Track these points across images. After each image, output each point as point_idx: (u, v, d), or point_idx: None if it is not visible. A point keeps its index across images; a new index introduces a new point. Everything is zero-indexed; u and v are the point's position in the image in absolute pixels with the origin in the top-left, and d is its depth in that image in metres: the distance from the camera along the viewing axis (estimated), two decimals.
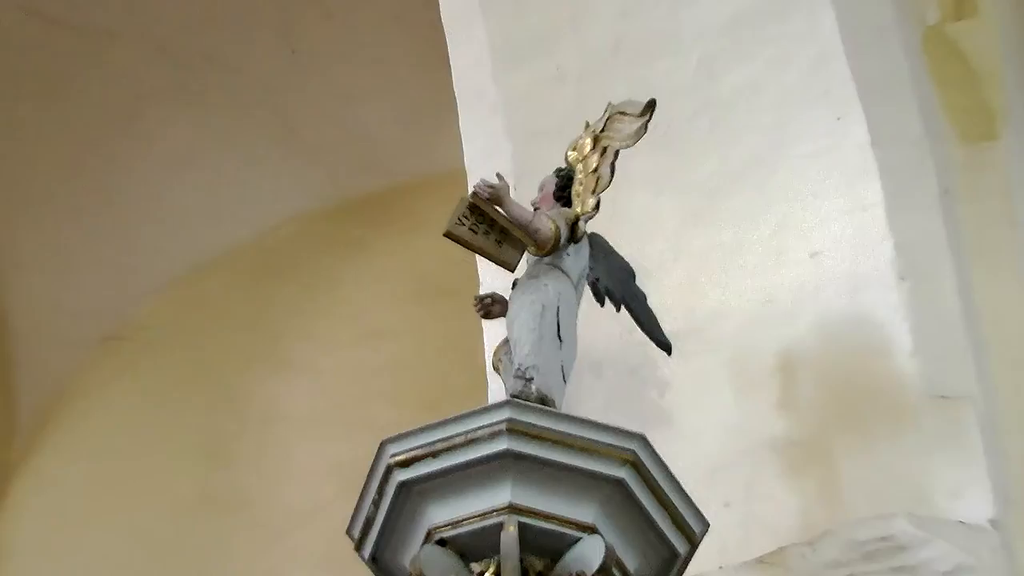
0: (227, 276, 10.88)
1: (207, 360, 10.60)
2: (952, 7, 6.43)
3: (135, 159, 10.58)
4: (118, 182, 10.65)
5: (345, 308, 10.44)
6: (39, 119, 10.32)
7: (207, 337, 10.66)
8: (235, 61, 10.36)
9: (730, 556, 4.91)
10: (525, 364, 4.54)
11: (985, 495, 5.12)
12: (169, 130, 10.54)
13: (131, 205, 10.69)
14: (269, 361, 10.47)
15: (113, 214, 10.70)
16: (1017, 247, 5.97)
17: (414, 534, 4.33)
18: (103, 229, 10.73)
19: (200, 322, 10.75)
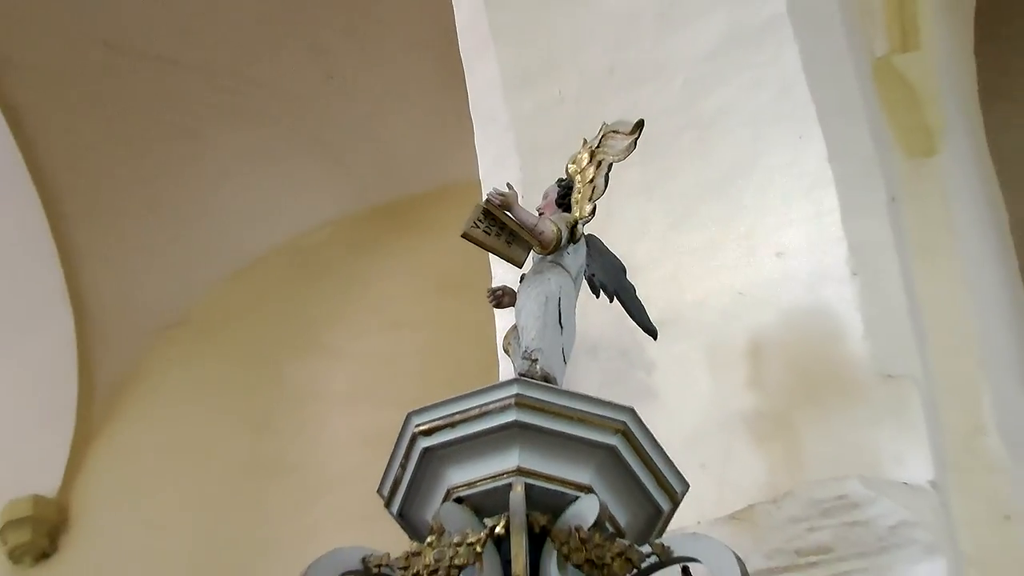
0: (272, 272, 10.89)
1: (255, 345, 10.61)
2: (898, 41, 6.44)
3: (192, 171, 10.59)
4: (178, 191, 10.65)
5: (374, 300, 10.44)
6: (112, 136, 10.34)
7: (255, 325, 10.68)
8: (277, 85, 10.36)
9: (706, 513, 4.93)
10: (531, 347, 4.56)
11: (925, 460, 5.13)
12: (220, 146, 10.55)
13: (189, 211, 10.70)
14: (308, 346, 10.48)
15: (174, 219, 10.70)
16: (954, 248, 6.01)
17: (435, 493, 4.35)
18: (166, 232, 10.74)
19: (249, 312, 10.76)
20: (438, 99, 8.55)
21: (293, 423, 10.23)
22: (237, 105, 10.45)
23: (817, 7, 6.06)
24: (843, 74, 6.00)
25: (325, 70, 10.30)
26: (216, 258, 10.89)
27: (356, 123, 10.51)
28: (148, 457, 10.40)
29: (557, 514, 4.26)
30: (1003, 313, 6.45)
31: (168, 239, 10.79)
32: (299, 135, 10.59)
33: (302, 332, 10.55)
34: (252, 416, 10.34)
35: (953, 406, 5.53)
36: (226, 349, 10.70)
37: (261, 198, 10.79)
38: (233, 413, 10.40)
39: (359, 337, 10.35)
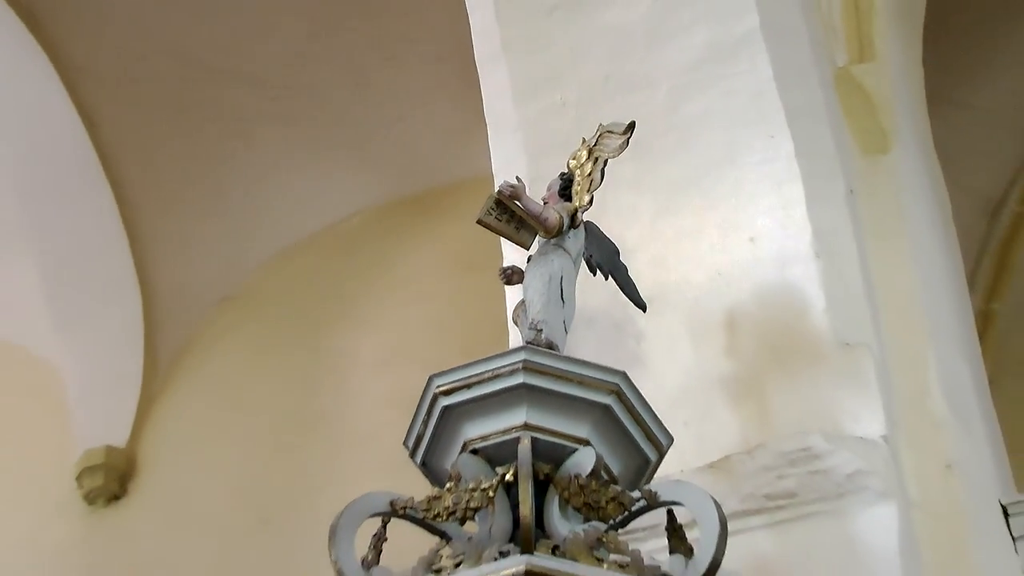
0: (312, 253, 10.90)
1: (297, 316, 10.63)
2: (856, 53, 6.45)
3: (244, 166, 10.59)
4: (231, 183, 10.66)
5: (400, 278, 10.45)
6: (175, 135, 10.36)
7: (297, 298, 10.70)
8: (315, 93, 10.37)
9: (688, 463, 4.93)
10: (536, 319, 4.57)
11: (877, 418, 5.13)
12: (268, 144, 10.55)
13: (241, 200, 10.71)
14: (343, 317, 10.49)
15: (228, 207, 10.71)
16: (904, 234, 6.01)
17: (453, 445, 4.35)
18: (220, 218, 10.75)
19: (292, 287, 10.78)
20: (456, 104, 8.56)
21: (330, 384, 10.24)
22: (281, 110, 10.46)
23: (785, 24, 6.06)
24: (808, 82, 6.00)
25: (357, 80, 10.30)
26: (263, 241, 10.90)
27: (385, 125, 10.52)
28: (205, 413, 10.43)
29: (559, 464, 4.27)
30: (946, 291, 6.46)
31: (222, 224, 10.80)
32: (335, 136, 10.60)
33: (338, 305, 10.56)
34: (295, 377, 10.35)
35: (902, 371, 5.53)
36: (272, 319, 10.71)
37: (303, 189, 10.79)
38: (278, 375, 10.41)
39: (387, 310, 10.36)
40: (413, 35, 9.93)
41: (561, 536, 4.08)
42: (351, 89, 10.36)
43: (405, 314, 10.21)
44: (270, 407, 10.29)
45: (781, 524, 4.99)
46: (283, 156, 10.67)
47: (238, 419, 10.31)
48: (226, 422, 10.35)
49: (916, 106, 7.14)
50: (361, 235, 10.83)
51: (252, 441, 10.16)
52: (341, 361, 10.32)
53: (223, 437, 10.28)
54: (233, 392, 10.48)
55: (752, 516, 4.96)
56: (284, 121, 10.52)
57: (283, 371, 10.43)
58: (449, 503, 4.21)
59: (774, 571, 4.73)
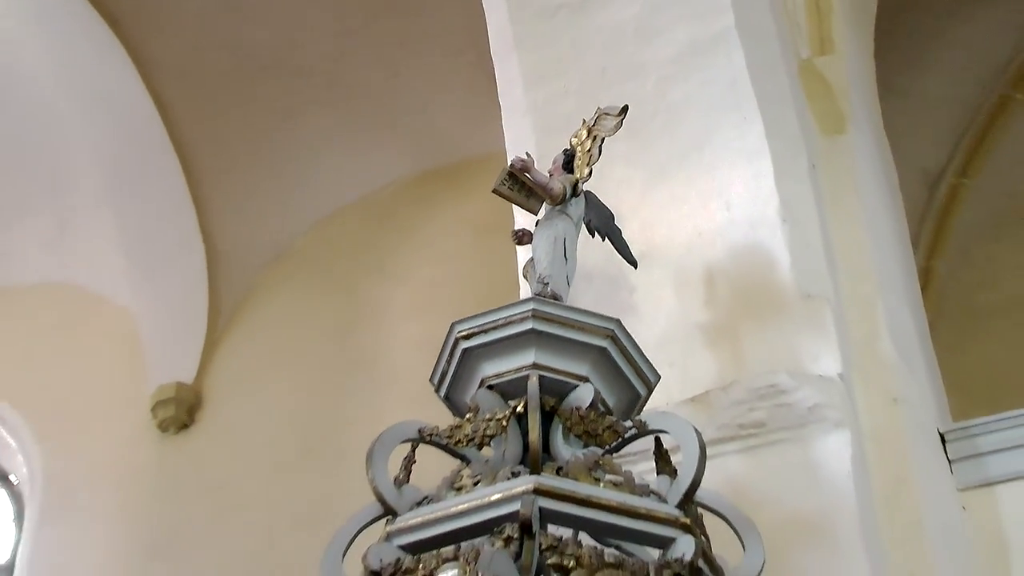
0: (352, 218, 10.89)
1: (339, 272, 10.63)
2: (818, 47, 6.43)
3: (293, 143, 10.58)
4: (282, 157, 10.66)
5: (427, 239, 10.46)
6: (234, 116, 10.38)
7: (340, 257, 10.69)
8: (353, 81, 10.37)
9: (672, 397, 4.93)
10: (543, 274, 4.57)
11: (834, 359, 5.13)
12: (314, 124, 10.55)
13: (290, 172, 10.70)
14: (378, 273, 10.48)
15: (279, 178, 10.70)
16: (857, 202, 6.00)
17: (472, 382, 4.36)
18: (273, 187, 10.75)
19: (335, 247, 10.78)
20: (474, 92, 8.55)
21: (366, 330, 10.25)
22: (324, 96, 10.46)
23: (757, 22, 6.05)
24: (776, 73, 5.99)
25: (389, 71, 10.30)
26: (309, 208, 10.89)
27: (413, 110, 10.51)
28: (260, 354, 10.45)
29: (562, 398, 4.27)
30: (893, 250, 6.45)
31: (274, 193, 10.80)
32: (370, 118, 10.59)
33: (373, 263, 10.56)
34: (336, 324, 10.37)
35: (856, 319, 5.53)
36: (318, 274, 10.72)
37: (343, 164, 10.78)
38: (323, 322, 10.42)
39: (416, 267, 10.36)
40: (437, 33, 9.91)
41: (564, 459, 4.08)
42: (384, 79, 10.35)
43: (431, 270, 10.22)
44: (316, 350, 10.30)
45: (752, 450, 5.00)
46: (326, 136, 10.65)
47: (289, 360, 10.33)
48: (279, 362, 10.37)
49: (869, 93, 7.12)
50: (393, 203, 10.82)
51: (301, 379, 10.18)
52: (376, 311, 10.32)
53: (276, 375, 10.30)
54: (284, 337, 10.50)
55: (727, 443, 4.97)
56: (326, 106, 10.51)
57: (327, 319, 10.44)
58: (469, 431, 4.22)
59: (746, 490, 4.73)
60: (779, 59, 6.07)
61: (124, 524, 9.97)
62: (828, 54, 6.45)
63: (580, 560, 3.71)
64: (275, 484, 9.63)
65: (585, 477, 4.00)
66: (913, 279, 6.91)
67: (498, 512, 3.83)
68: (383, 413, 4.49)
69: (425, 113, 10.52)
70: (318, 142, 10.68)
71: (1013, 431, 5.64)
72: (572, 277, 4.68)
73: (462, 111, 10.12)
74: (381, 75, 10.37)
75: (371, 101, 10.50)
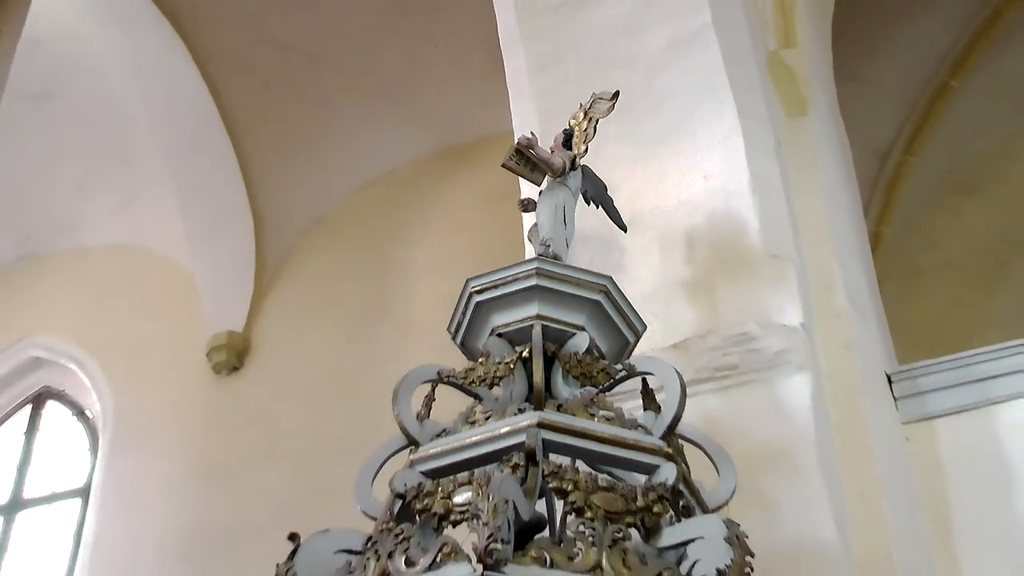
0: (379, 189, 10.87)
1: (368, 236, 10.61)
2: (783, 40, 6.40)
3: (328, 123, 10.58)
4: (319, 136, 10.66)
5: (445, 207, 10.46)
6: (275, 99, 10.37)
7: (370, 222, 10.68)
8: (381, 69, 10.36)
9: (657, 344, 4.93)
10: (546, 237, 4.55)
11: (797, 310, 5.12)
12: (345, 108, 10.54)
13: (326, 149, 10.70)
14: (402, 236, 10.49)
15: (317, 153, 10.70)
16: (817, 175, 6.00)
17: (484, 330, 4.34)
18: (312, 161, 10.75)
19: (367, 213, 10.76)
20: (486, 79, 8.49)
21: (393, 287, 10.24)
22: (356, 83, 10.45)
23: (730, 19, 6.01)
24: (747, 63, 5.96)
25: (412, 61, 10.29)
26: (343, 179, 10.88)
27: (432, 95, 10.48)
28: (302, 307, 10.46)
29: (562, 344, 4.27)
30: (847, 217, 6.44)
31: (312, 167, 10.78)
32: (396, 102, 10.58)
33: (398, 228, 10.55)
34: (367, 282, 10.36)
35: (815, 276, 5.52)
36: (351, 237, 10.70)
37: (371, 142, 10.75)
38: (356, 279, 10.42)
39: (435, 232, 10.35)
40: (453, 28, 9.88)
41: (563, 397, 4.08)
42: (407, 68, 10.32)
43: (448, 234, 10.20)
44: (348, 303, 10.30)
45: (725, 389, 5.00)
46: (356, 118, 10.62)
47: (325, 311, 10.34)
48: (316, 314, 10.37)
49: (827, 81, 7.10)
50: (414, 176, 10.79)
51: (335, 328, 10.19)
52: (400, 269, 10.31)
53: (314, 325, 10.31)
54: (321, 292, 10.49)
55: (704, 383, 4.96)
56: (357, 92, 10.49)
57: (358, 277, 10.43)
58: (481, 373, 4.23)
59: (720, 424, 4.73)
60: (749, 51, 6.04)
61: (182, 453, 10.00)
62: (792, 47, 6.42)
63: (577, 484, 3.71)
64: (313, 418, 9.65)
65: (582, 413, 4.00)
66: (864, 242, 6.91)
67: (506, 443, 3.84)
68: (407, 358, 4.47)
69: (443, 98, 10.48)
70: (350, 123, 10.64)
71: (949, 373, 5.66)
72: (571, 240, 4.67)
73: (475, 96, 10.06)
74: (405, 65, 10.33)
75: (396, 88, 10.46)
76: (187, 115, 10.40)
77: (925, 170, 9.88)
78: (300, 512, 4.58)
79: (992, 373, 5.59)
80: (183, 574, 9.31)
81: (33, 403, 11.04)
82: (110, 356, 10.66)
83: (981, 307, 9.45)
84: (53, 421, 10.95)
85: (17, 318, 11.10)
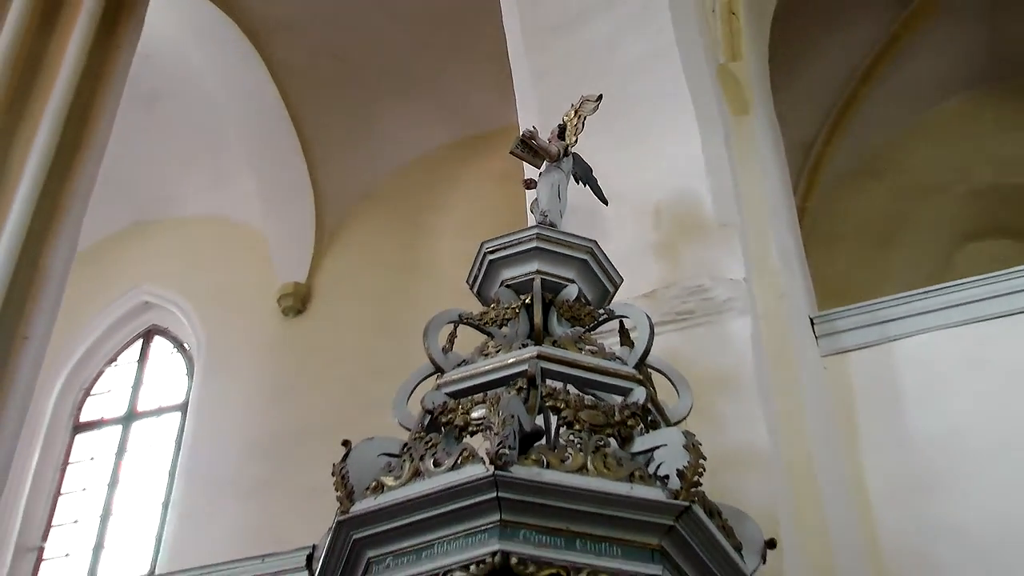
0: (414, 170, 10.80)
1: (406, 208, 10.57)
2: (730, 54, 6.36)
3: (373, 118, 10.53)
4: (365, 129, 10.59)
5: (466, 185, 10.42)
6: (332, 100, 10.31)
7: (406, 197, 10.61)
8: (417, 76, 10.29)
9: (631, 293, 4.88)
10: (544, 209, 4.53)
11: (740, 267, 5.10)
12: (387, 105, 10.47)
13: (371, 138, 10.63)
14: (433, 208, 10.47)
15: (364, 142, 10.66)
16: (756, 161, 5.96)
17: (495, 282, 4.32)
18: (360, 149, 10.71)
19: (403, 191, 10.70)
20: (499, 84, 8.25)
21: (424, 246, 10.20)
22: (396, 85, 10.36)
23: (689, 38, 5.96)
24: (702, 72, 5.91)
25: (442, 68, 10.20)
26: (385, 164, 10.80)
27: (457, 95, 10.40)
28: (353, 264, 10.44)
29: (556, 293, 4.25)
30: (780, 194, 6.39)
31: (361, 153, 10.71)
32: (428, 101, 10.50)
33: (428, 200, 10.50)
34: (404, 244, 10.32)
35: (755, 240, 5.48)
36: (390, 209, 10.63)
37: (408, 132, 10.67)
38: (394, 242, 10.38)
39: (458, 204, 10.30)
40: (473, 42, 9.72)
41: (558, 335, 4.07)
42: (436, 74, 10.21)
43: (468, 206, 10.13)
44: (390, 259, 10.25)
45: (685, 329, 4.98)
46: (396, 113, 10.53)
47: (372, 267, 10.29)
48: (365, 269, 10.33)
49: (764, 87, 7.02)
50: (442, 159, 10.70)
51: (378, 279, 10.16)
52: (431, 234, 10.26)
53: (363, 277, 10.28)
54: (369, 251, 10.43)
55: (667, 325, 4.94)
56: (398, 93, 10.38)
57: (398, 238, 10.38)
58: (493, 315, 4.21)
59: (680, 356, 4.70)
60: (703, 64, 5.99)
61: (258, 377, 10.01)
62: (737, 60, 6.37)
63: (568, 403, 3.73)
64: (360, 350, 9.64)
65: (572, 347, 4.00)
66: (793, 214, 6.86)
67: (513, 371, 3.84)
68: (435, 304, 4.44)
69: (464, 98, 10.36)
70: (391, 118, 10.55)
71: (856, 317, 5.66)
72: (564, 211, 4.64)
73: (489, 97, 9.92)
74: (434, 71, 10.21)
75: (427, 89, 10.36)
76: (262, 112, 10.34)
77: (839, 159, 9.88)
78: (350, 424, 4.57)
79: (890, 317, 5.59)
80: (258, 471, 9.33)
81: (143, 338, 11.06)
82: (202, 301, 10.66)
83: (881, 265, 9.46)
84: (158, 352, 10.97)
85: (130, 272, 11.10)
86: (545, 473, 3.37)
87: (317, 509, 4.61)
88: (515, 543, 3.26)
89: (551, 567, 3.25)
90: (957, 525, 4.88)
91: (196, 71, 10.23)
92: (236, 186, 10.85)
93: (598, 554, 3.32)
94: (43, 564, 9.72)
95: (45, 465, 10.19)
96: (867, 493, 5.09)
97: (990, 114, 9.71)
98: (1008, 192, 9.50)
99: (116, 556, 9.57)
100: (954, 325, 5.42)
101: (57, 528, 9.94)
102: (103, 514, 9.86)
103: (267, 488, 9.16)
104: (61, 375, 10.61)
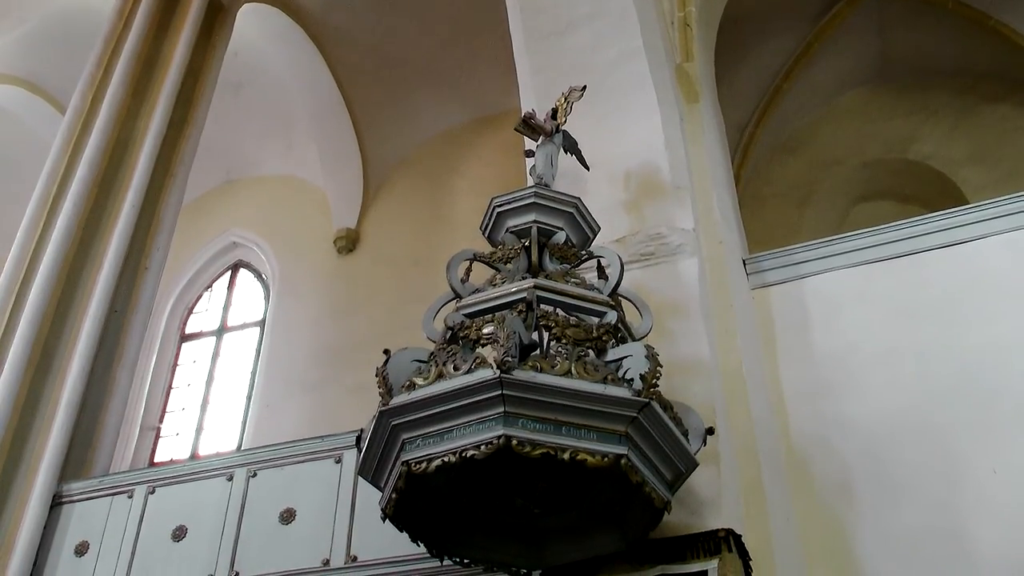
0: (439, 143, 10.61)
1: (433, 173, 10.42)
2: (685, 55, 6.25)
3: (405, 102, 10.35)
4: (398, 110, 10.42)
5: (482, 156, 10.25)
6: (375, 89, 10.10)
7: (433, 164, 10.46)
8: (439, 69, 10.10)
9: (606, 239, 4.83)
10: (540, 174, 4.47)
11: (690, 219, 5.06)
12: (414, 93, 10.22)
13: (407, 116, 10.44)
14: (454, 172, 10.32)
15: (400, 121, 10.49)
16: (704, 140, 5.84)
17: (502, 229, 4.29)
18: (396, 126, 10.54)
19: (431, 158, 10.52)
20: (506, 76, 8.07)
21: (447, 203, 10.08)
22: (421, 78, 10.16)
23: (653, 43, 5.85)
24: (664, 69, 5.81)
25: (462, 63, 9.99)
26: (416, 136, 10.63)
27: (473, 84, 10.18)
28: (393, 215, 10.34)
29: (549, 238, 4.22)
30: (721, 164, 6.30)
31: (399, 128, 10.53)
32: (450, 89, 10.29)
33: (450, 167, 10.35)
34: (431, 201, 10.19)
35: (701, 199, 5.42)
36: (421, 172, 10.50)
37: (434, 112, 10.49)
38: (424, 199, 10.24)
39: (474, 169, 10.14)
40: (486, 44, 9.55)
41: (550, 270, 4.05)
42: (457, 67, 10.03)
43: (481, 171, 9.98)
44: (420, 211, 10.12)
45: (648, 267, 4.93)
46: (422, 100, 10.34)
47: (406, 217, 10.15)
48: (401, 218, 10.21)
49: (710, 82, 6.88)
50: (462, 134, 10.46)
51: (411, 228, 10.05)
52: (453, 192, 10.10)
53: (399, 225, 10.15)
54: (404, 205, 10.31)
55: (635, 263, 4.90)
56: (423, 85, 10.17)
57: (426, 198, 10.25)
58: (500, 255, 4.18)
59: (643, 288, 4.68)
60: (664, 62, 5.89)
61: (318, 301, 9.98)
62: (690, 60, 6.26)
63: (557, 323, 3.76)
64: (398, 281, 9.59)
65: (561, 280, 3.98)
66: (731, 179, 6.77)
67: (515, 297, 3.84)
68: (458, 245, 4.43)
69: (479, 86, 10.13)
70: (421, 102, 10.37)
71: (777, 259, 5.63)
72: (555, 175, 4.60)
73: (499, 85, 9.64)
74: (455, 66, 10.01)
75: (451, 79, 10.16)
76: (322, 96, 10.18)
77: (766, 138, 9.81)
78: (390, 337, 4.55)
79: (802, 260, 5.56)
80: (319, 373, 9.34)
81: (232, 270, 11.03)
82: (277, 242, 10.61)
83: (796, 220, 9.47)
84: (244, 281, 10.93)
85: (223, 218, 11.04)
86: (539, 376, 3.40)
87: (364, 402, 4.61)
88: (515, 429, 3.32)
89: (543, 447, 3.31)
90: (849, 417, 4.92)
91: (272, 65, 10.11)
92: (302, 153, 10.77)
93: (579, 438, 3.39)
94: (160, 440, 9.84)
95: (160, 366, 10.25)
96: (782, 393, 5.11)
97: (880, 104, 9.73)
98: (892, 165, 9.57)
99: (212, 436, 9.66)
100: (850, 266, 5.41)
101: (169, 414, 10.02)
102: (202, 404, 9.93)
103: (326, 385, 9.18)
104: (171, 297, 10.61)
